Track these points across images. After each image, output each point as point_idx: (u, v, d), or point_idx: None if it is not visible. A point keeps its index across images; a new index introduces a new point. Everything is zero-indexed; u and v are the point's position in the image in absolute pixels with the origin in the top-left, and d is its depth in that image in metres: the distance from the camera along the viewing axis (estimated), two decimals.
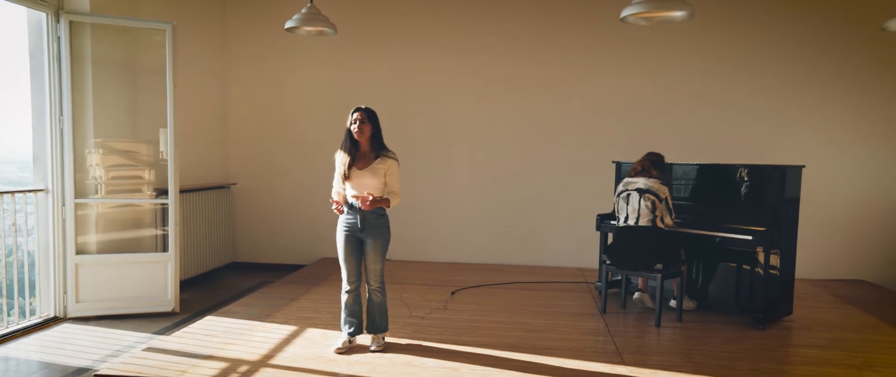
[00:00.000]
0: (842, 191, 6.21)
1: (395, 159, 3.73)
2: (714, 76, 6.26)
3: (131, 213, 5.18)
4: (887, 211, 6.17)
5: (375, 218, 3.69)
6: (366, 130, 3.65)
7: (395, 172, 3.70)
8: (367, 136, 3.67)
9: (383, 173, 3.67)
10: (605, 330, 4.25)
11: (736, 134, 6.24)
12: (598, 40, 6.35)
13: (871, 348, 3.98)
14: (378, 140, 3.72)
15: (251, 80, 6.82)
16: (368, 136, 3.67)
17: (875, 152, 6.15)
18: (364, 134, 3.65)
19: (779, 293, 4.50)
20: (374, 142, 3.71)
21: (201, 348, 3.67)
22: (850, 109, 6.15)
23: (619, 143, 6.29)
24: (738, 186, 4.65)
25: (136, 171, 5.29)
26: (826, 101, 6.18)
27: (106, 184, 4.99)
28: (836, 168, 6.20)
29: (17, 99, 4.84)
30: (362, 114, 3.66)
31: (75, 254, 4.77)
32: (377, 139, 3.72)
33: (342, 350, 3.68)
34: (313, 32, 4.42)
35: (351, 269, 3.76)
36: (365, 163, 3.68)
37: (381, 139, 3.75)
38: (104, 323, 4.67)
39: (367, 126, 3.65)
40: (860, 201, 6.20)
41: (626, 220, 4.51)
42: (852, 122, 6.16)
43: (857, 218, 6.21)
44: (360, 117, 3.65)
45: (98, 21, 4.73)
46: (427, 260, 6.71)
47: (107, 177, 5.00)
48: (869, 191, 6.18)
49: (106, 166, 4.99)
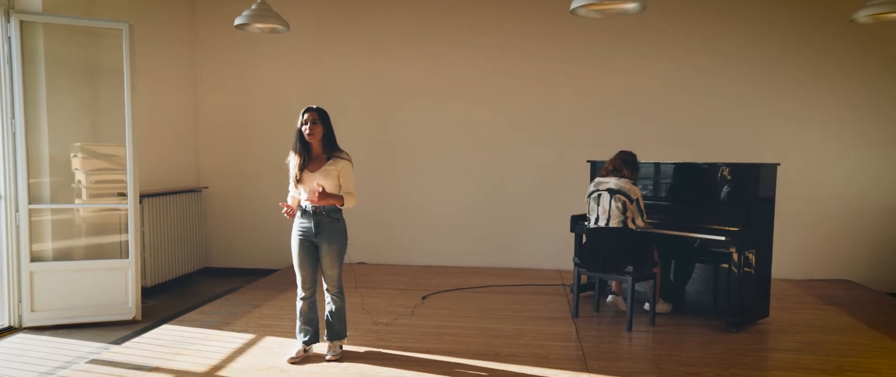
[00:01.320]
0: (824, 190, 6.10)
1: (348, 160, 3.59)
2: (694, 74, 6.14)
3: (95, 219, 5.03)
4: (871, 209, 6.06)
5: (330, 222, 3.55)
6: (317, 131, 3.51)
7: (348, 173, 3.57)
8: (318, 137, 3.53)
9: (336, 175, 3.53)
10: (575, 335, 4.12)
11: (718, 132, 6.11)
12: (576, 40, 6.23)
13: (847, 351, 3.85)
14: (330, 141, 3.58)
15: (222, 82, 6.67)
16: (320, 137, 3.54)
17: (860, 150, 6.03)
18: (315, 135, 3.51)
19: (754, 295, 4.38)
20: (326, 143, 3.57)
21: (150, 359, 3.53)
22: (834, 107, 6.04)
23: (597, 142, 6.15)
24: (713, 186, 4.53)
25: (98, 176, 5.13)
26: (809, 99, 6.06)
27: (67, 188, 4.84)
28: (819, 166, 6.08)
29: None
30: (314, 114, 3.52)
31: (30, 261, 4.61)
32: (329, 140, 3.58)
33: (296, 359, 3.54)
34: (265, 30, 4.26)
35: (306, 276, 3.62)
36: (317, 164, 3.55)
37: (334, 140, 3.61)
38: (61, 332, 4.51)
39: (318, 127, 3.52)
40: (843, 200, 6.08)
41: (597, 221, 4.38)
42: (835, 120, 6.04)
43: (840, 216, 6.10)
44: (311, 118, 3.51)
45: (50, 20, 4.58)
46: (404, 263, 6.57)
47: (67, 181, 4.85)
48: (852, 190, 6.06)
49: (65, 171, 4.83)
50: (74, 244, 4.91)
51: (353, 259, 6.63)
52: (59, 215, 4.79)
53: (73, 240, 4.90)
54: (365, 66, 6.50)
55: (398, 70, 6.47)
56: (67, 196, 4.85)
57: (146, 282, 5.59)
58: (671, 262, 4.79)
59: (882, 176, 6.01)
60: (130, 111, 4.74)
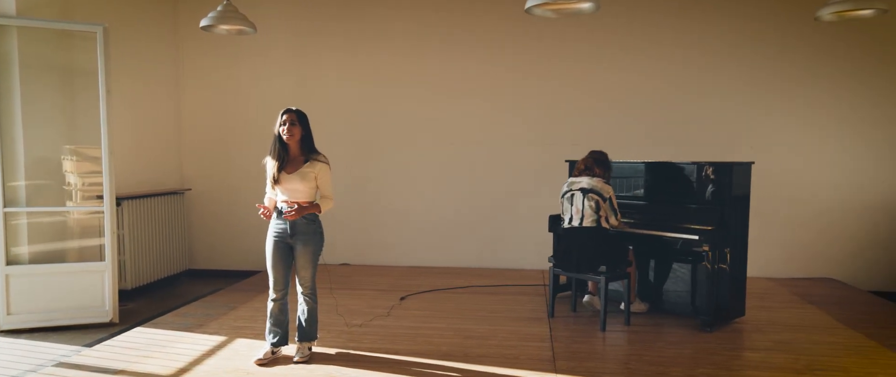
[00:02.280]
0: (809, 187, 6.08)
1: (325, 163, 3.59)
2: (678, 71, 6.12)
3: (73, 222, 5.02)
4: (857, 207, 6.03)
5: (306, 224, 3.56)
6: (296, 133, 3.51)
7: (325, 176, 3.57)
8: (296, 138, 3.52)
9: (313, 177, 3.53)
10: (548, 335, 4.10)
11: (702, 130, 6.09)
12: (557, 40, 6.22)
13: (819, 350, 3.84)
14: (308, 143, 3.58)
15: (205, 84, 6.67)
16: (298, 139, 3.53)
17: (847, 148, 6.00)
18: (294, 136, 3.51)
19: (730, 294, 4.36)
20: (304, 145, 3.57)
21: (116, 362, 3.53)
22: (821, 104, 6.01)
23: (580, 141, 6.13)
24: (688, 185, 4.52)
25: (76, 179, 5.13)
26: (794, 95, 6.04)
27: (44, 191, 4.83)
28: (804, 163, 6.06)
29: None
30: (292, 115, 3.51)
31: (5, 264, 4.61)
32: (307, 142, 3.58)
33: (264, 361, 3.54)
34: (232, 31, 4.26)
35: (278, 277, 3.62)
36: (294, 167, 3.54)
37: (312, 142, 3.61)
38: (37, 335, 4.51)
39: (296, 128, 3.51)
40: (829, 198, 6.06)
41: (571, 221, 4.37)
42: (820, 118, 6.02)
43: (826, 215, 6.07)
44: (289, 119, 3.50)
45: (23, 24, 4.58)
46: (388, 264, 6.56)
47: (44, 184, 4.85)
48: (837, 188, 6.04)
49: (42, 174, 4.83)
50: (52, 247, 4.91)
51: (337, 260, 6.63)
52: (37, 218, 4.79)
53: (51, 243, 4.89)
54: (349, 68, 6.49)
55: (381, 71, 6.47)
56: (44, 199, 4.85)
57: (126, 285, 5.59)
58: (649, 262, 4.78)
59: (869, 174, 5.99)
60: (105, 114, 4.73)
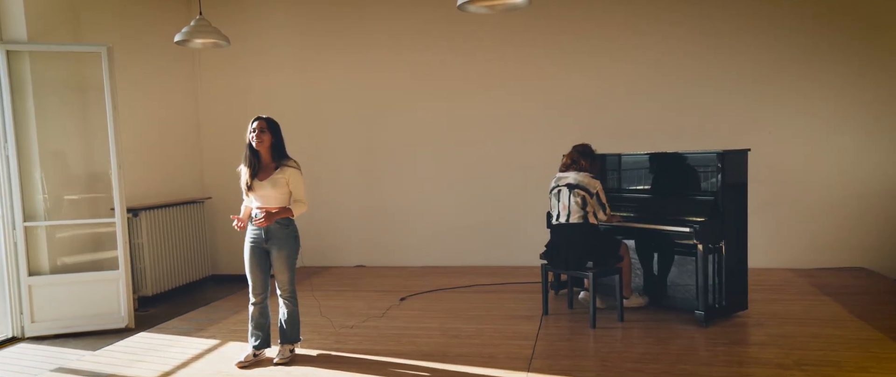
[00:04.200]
0: (834, 172, 5.78)
1: (295, 168, 3.67)
2: (684, 60, 5.94)
3: (92, 233, 5.29)
4: (888, 189, 5.69)
5: (280, 228, 3.65)
6: (265, 140, 3.61)
7: (296, 180, 3.64)
8: (266, 145, 3.62)
9: (285, 183, 3.62)
10: (535, 333, 4.07)
11: (719, 119, 5.89)
12: (556, 36, 6.13)
13: (816, 344, 3.66)
14: (279, 150, 3.67)
15: (221, 94, 6.89)
16: (268, 146, 3.63)
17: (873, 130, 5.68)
18: (263, 143, 3.61)
19: (728, 287, 4.21)
20: (275, 151, 3.66)
21: (109, 366, 3.71)
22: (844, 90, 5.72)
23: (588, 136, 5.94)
24: (683, 175, 4.39)
25: (94, 192, 5.39)
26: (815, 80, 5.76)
27: (61, 205, 5.12)
28: (832, 148, 5.76)
29: None
30: (262, 123, 3.62)
31: (28, 275, 4.90)
32: (278, 149, 3.67)
33: (245, 363, 3.65)
34: (208, 44, 4.39)
35: (256, 282, 3.73)
36: (266, 173, 3.64)
37: (283, 148, 3.70)
38: (58, 342, 4.78)
39: (266, 135, 3.61)
40: (855, 181, 5.75)
41: (558, 218, 4.31)
42: (845, 100, 5.72)
43: (852, 199, 5.76)
44: (259, 126, 3.61)
45: (34, 49, 4.86)
46: (400, 265, 6.63)
47: (61, 198, 5.13)
48: (865, 171, 5.72)
49: (59, 188, 5.11)
50: (72, 258, 5.19)
51: (352, 262, 6.74)
52: (57, 231, 5.07)
53: (70, 253, 5.17)
54: (358, 71, 6.59)
55: (387, 73, 6.54)
56: (61, 212, 5.13)
57: (147, 292, 5.85)
58: (647, 255, 4.66)
59: None
60: (113, 129, 4.97)
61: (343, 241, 6.76)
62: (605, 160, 4.84)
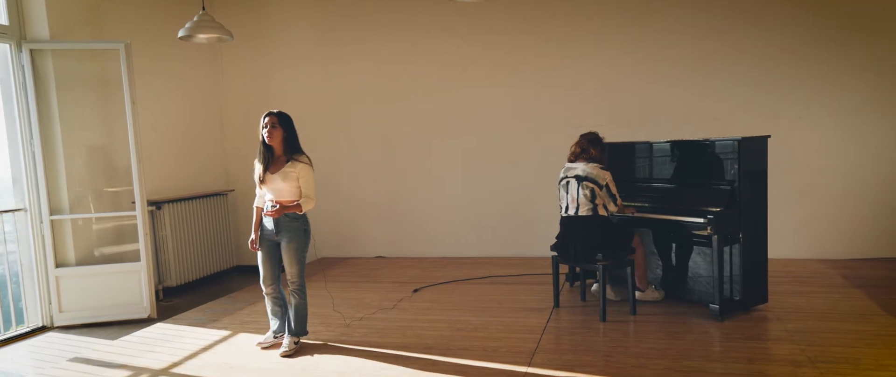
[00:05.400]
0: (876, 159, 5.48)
1: (306, 163, 3.70)
2: (703, 44, 5.72)
3: (116, 226, 5.44)
4: None
5: (289, 221, 3.68)
6: (276, 134, 3.64)
7: (306, 176, 3.67)
8: (278, 140, 3.66)
9: (295, 177, 3.65)
10: (542, 327, 3.99)
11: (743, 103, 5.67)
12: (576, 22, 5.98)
13: (836, 340, 3.49)
14: (291, 144, 3.71)
15: (243, 87, 6.98)
16: (280, 140, 3.67)
17: None
18: (275, 138, 3.65)
19: (746, 279, 4.04)
20: (287, 146, 3.69)
21: (122, 356, 3.81)
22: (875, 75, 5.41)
23: (608, 123, 5.86)
24: (700, 164, 4.24)
25: (118, 186, 5.53)
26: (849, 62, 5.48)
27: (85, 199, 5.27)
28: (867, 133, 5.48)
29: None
30: (273, 118, 3.66)
31: (55, 267, 5.08)
32: (290, 143, 3.70)
33: (265, 345, 3.82)
34: (212, 39, 4.42)
35: (266, 273, 3.79)
36: (278, 167, 3.68)
37: (296, 142, 3.73)
38: (84, 331, 4.94)
39: (277, 130, 3.65)
40: None
41: (567, 210, 4.21)
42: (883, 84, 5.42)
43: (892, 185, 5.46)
44: (270, 122, 3.66)
45: (56, 47, 4.99)
46: (419, 255, 6.62)
47: (85, 192, 5.28)
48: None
49: (83, 182, 5.26)
50: (98, 249, 5.34)
51: (371, 253, 6.77)
52: (82, 224, 5.23)
53: (96, 246, 5.33)
54: (373, 61, 6.58)
55: (405, 64, 6.50)
56: (86, 206, 5.29)
57: (171, 282, 5.99)
58: (662, 247, 4.52)
59: None
60: (132, 124, 5.08)
61: (363, 233, 6.79)
62: (620, 148, 4.69)
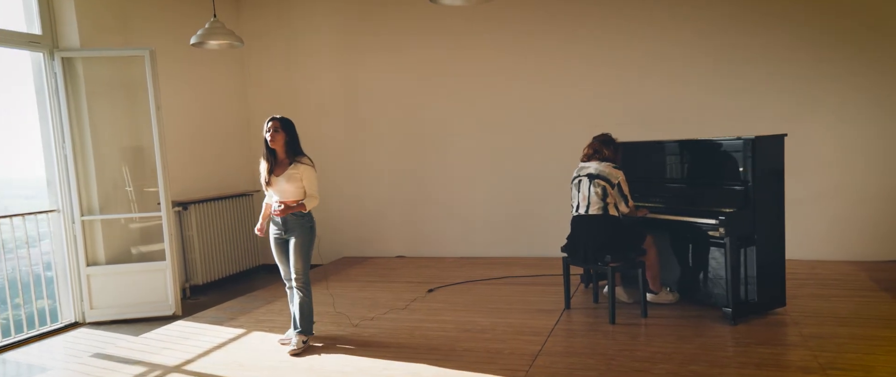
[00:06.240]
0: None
1: (308, 165, 3.81)
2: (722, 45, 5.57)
3: (144, 226, 5.63)
4: None
5: (295, 219, 3.81)
6: (279, 138, 3.76)
7: (309, 177, 3.80)
8: (280, 143, 3.77)
9: (299, 178, 3.78)
10: (549, 329, 3.97)
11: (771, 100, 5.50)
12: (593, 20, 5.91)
13: (852, 347, 3.37)
14: (293, 147, 3.83)
15: (268, 90, 7.12)
16: (283, 144, 3.79)
17: None
18: (277, 142, 3.76)
19: (762, 282, 3.93)
20: (289, 148, 3.82)
21: (140, 353, 3.96)
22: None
23: (627, 122, 5.79)
24: (714, 164, 4.14)
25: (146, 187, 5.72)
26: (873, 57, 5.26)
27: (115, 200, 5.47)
28: None
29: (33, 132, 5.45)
30: (276, 123, 3.79)
31: (86, 265, 5.29)
32: (292, 146, 3.82)
33: (285, 341, 3.92)
34: (223, 46, 4.53)
35: (284, 269, 3.97)
36: (282, 169, 3.80)
37: (297, 145, 3.85)
38: (113, 327, 5.13)
39: (280, 134, 3.77)
40: None
41: (578, 209, 4.17)
42: None
43: None
44: (273, 126, 3.79)
45: (85, 54, 5.20)
46: (440, 255, 6.65)
47: (115, 193, 5.49)
48: None
49: (112, 184, 5.47)
50: (127, 249, 5.55)
51: (392, 253, 6.83)
52: (111, 224, 5.44)
53: (124, 245, 5.54)
54: (392, 62, 6.63)
55: (424, 63, 6.53)
56: (115, 207, 5.49)
57: (197, 281, 6.17)
58: (676, 249, 4.43)
59: None
60: (157, 127, 5.26)
61: (384, 233, 6.86)
62: (634, 148, 4.62)
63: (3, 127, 6.68)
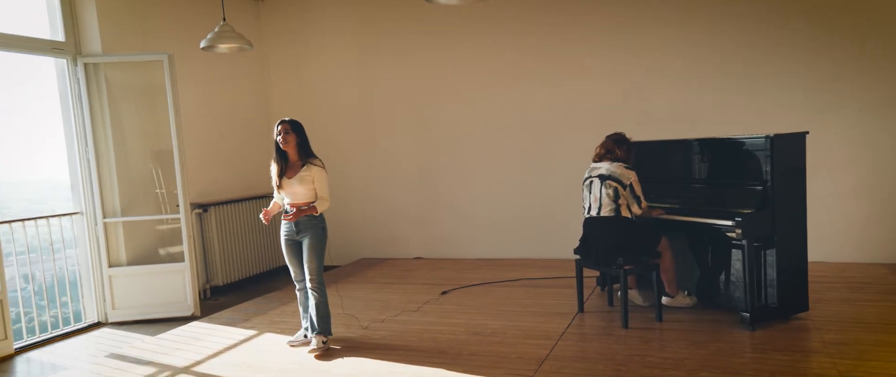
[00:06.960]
0: None
1: (320, 166, 3.82)
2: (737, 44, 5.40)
3: (164, 228, 5.72)
4: None
5: (307, 220, 3.83)
6: (290, 141, 3.78)
7: (320, 178, 3.81)
8: (292, 145, 3.79)
9: (311, 180, 3.79)
10: (560, 332, 3.89)
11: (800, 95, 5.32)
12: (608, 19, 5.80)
13: (875, 355, 3.22)
14: (304, 149, 3.84)
15: (288, 92, 7.18)
16: (294, 145, 3.81)
17: None
18: (289, 144, 3.79)
19: (784, 286, 3.79)
20: (301, 151, 3.83)
21: (153, 354, 4.01)
22: None
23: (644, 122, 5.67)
24: (732, 163, 4.01)
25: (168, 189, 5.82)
26: None
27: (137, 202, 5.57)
28: None
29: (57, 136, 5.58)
30: (286, 126, 3.82)
31: (108, 267, 5.40)
32: (303, 148, 3.84)
33: (295, 343, 3.95)
34: (232, 49, 4.57)
35: (295, 270, 3.99)
36: (293, 171, 3.82)
37: (308, 148, 3.87)
38: (134, 327, 5.22)
39: (291, 136, 3.79)
40: None
41: (589, 211, 4.09)
42: None
43: None
44: (283, 129, 3.81)
45: (107, 60, 5.31)
46: (457, 257, 6.61)
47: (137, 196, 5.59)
48: None
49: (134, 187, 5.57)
50: (148, 250, 5.64)
51: (411, 254, 6.81)
52: (133, 225, 5.54)
53: (145, 246, 5.63)
54: (408, 64, 6.62)
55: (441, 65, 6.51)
56: (136, 209, 5.59)
57: (218, 282, 6.25)
58: (703, 251, 4.29)
59: None
60: (176, 131, 5.33)
61: (402, 234, 6.85)
62: (649, 147, 4.50)
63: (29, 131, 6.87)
